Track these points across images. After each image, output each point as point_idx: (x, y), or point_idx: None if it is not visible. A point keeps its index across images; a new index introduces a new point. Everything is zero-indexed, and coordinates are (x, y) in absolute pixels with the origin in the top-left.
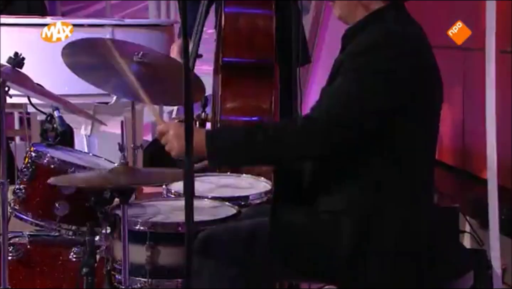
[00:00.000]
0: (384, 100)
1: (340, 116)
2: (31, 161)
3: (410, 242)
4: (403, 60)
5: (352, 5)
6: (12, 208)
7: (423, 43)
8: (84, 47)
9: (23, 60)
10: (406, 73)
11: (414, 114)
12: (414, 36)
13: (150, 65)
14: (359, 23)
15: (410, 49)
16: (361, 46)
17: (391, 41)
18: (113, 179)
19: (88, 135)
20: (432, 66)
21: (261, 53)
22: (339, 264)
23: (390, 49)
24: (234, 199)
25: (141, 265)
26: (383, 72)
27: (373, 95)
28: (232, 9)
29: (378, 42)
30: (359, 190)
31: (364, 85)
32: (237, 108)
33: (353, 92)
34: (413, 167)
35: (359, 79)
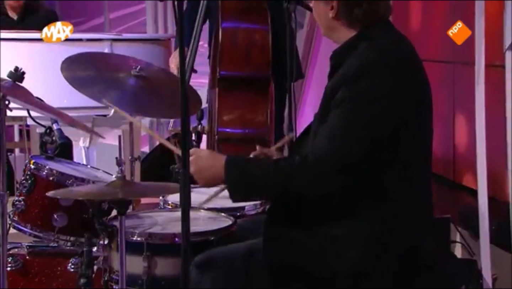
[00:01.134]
0: (384, 127)
1: (347, 157)
2: (30, 173)
3: (412, 260)
4: (397, 82)
5: (336, 26)
6: (11, 220)
7: (413, 60)
8: (83, 61)
9: (23, 75)
10: (402, 94)
11: (412, 132)
12: (404, 53)
13: (148, 79)
14: (347, 43)
15: (402, 69)
16: (353, 71)
17: (383, 63)
18: (111, 192)
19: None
20: (424, 81)
21: (257, 67)
22: (337, 283)
23: (383, 73)
24: (230, 210)
25: (138, 275)
26: (380, 98)
27: (374, 125)
28: (229, 24)
29: (370, 66)
30: (359, 212)
31: (364, 117)
32: (234, 120)
33: (354, 126)
34: (412, 186)
35: (358, 111)
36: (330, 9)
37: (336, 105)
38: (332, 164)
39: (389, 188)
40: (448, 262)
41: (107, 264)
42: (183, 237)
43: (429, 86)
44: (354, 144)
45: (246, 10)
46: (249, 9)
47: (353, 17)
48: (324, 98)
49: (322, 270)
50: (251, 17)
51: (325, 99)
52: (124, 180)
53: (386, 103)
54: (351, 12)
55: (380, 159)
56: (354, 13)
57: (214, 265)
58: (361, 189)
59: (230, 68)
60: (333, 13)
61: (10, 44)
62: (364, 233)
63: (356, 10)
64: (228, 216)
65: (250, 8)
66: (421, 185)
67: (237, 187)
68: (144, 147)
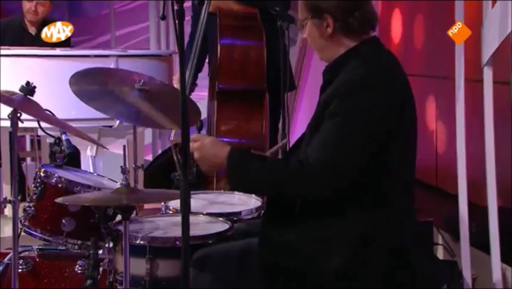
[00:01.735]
0: (373, 138)
1: (338, 165)
2: (40, 181)
3: (397, 262)
4: (385, 96)
5: (332, 43)
6: (22, 224)
7: (399, 75)
8: (90, 76)
9: (34, 89)
10: (390, 106)
11: (399, 142)
12: (391, 69)
13: (150, 92)
14: (338, 60)
15: (389, 83)
16: (345, 86)
17: (372, 78)
18: (115, 198)
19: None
20: (409, 95)
21: (253, 81)
22: (327, 283)
23: (372, 87)
24: (227, 215)
25: (141, 277)
26: (369, 111)
27: (364, 136)
28: (227, 41)
29: (360, 81)
30: (348, 215)
31: (355, 128)
32: (231, 130)
33: (346, 137)
34: (398, 192)
35: (349, 123)
36: (326, 27)
37: (329, 117)
38: (324, 171)
39: (376, 194)
40: (430, 263)
41: (112, 266)
42: (183, 240)
43: (413, 99)
44: (345, 154)
45: (242, 28)
46: (245, 27)
47: (350, 28)
48: (317, 111)
49: (313, 271)
50: (247, 34)
51: (318, 111)
52: (128, 187)
53: (375, 116)
54: (346, 23)
55: (370, 167)
56: (349, 24)
57: (211, 261)
58: (351, 194)
59: (227, 82)
60: (331, 29)
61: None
62: (353, 235)
63: (350, 19)
64: (225, 220)
65: (246, 26)
66: (406, 191)
67: (236, 178)
68: (147, 155)
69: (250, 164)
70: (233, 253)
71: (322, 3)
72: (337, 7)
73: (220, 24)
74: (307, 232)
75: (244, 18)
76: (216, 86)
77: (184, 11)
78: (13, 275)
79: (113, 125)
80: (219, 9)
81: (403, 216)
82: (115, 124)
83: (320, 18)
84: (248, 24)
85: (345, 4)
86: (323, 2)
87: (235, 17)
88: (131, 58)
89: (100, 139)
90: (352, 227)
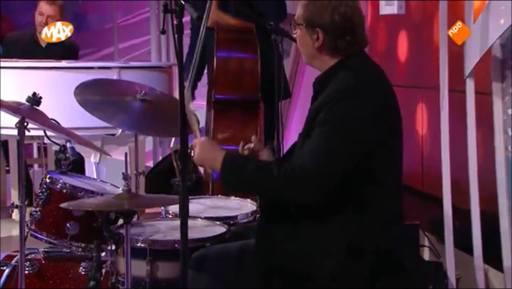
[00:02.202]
0: (361, 144)
1: (328, 170)
2: (46, 186)
3: (386, 263)
4: (372, 105)
5: (319, 55)
6: (29, 228)
7: (385, 85)
8: (94, 87)
9: (40, 99)
10: (377, 115)
11: (386, 149)
12: (377, 80)
13: (151, 102)
14: (327, 72)
15: (376, 94)
16: (334, 95)
17: (360, 88)
18: (117, 203)
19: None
20: (395, 104)
21: (248, 91)
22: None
23: (360, 97)
24: (224, 219)
25: (141, 278)
26: (358, 119)
27: (353, 142)
28: (223, 53)
29: (349, 91)
30: (340, 218)
31: (344, 135)
32: (227, 138)
33: (335, 143)
34: (386, 197)
35: (339, 130)
36: (315, 40)
37: (319, 125)
38: (315, 176)
39: (366, 198)
40: (417, 264)
41: (114, 268)
42: (182, 243)
43: (399, 108)
44: (335, 159)
45: (238, 41)
46: (241, 40)
47: (337, 48)
48: (308, 118)
49: (305, 272)
50: (243, 47)
51: (309, 119)
52: (130, 193)
53: (363, 124)
54: (335, 44)
55: (358, 172)
56: (338, 45)
57: (209, 262)
58: (342, 198)
59: (224, 92)
60: (318, 44)
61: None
62: (344, 238)
63: (339, 42)
64: (222, 224)
65: (242, 40)
66: (394, 195)
67: (229, 180)
68: (149, 161)
69: (244, 165)
70: (231, 254)
71: (318, 17)
72: (330, 26)
73: (217, 37)
74: (300, 235)
75: (240, 32)
76: (213, 96)
77: (183, 26)
78: (20, 276)
79: (116, 134)
80: (216, 23)
81: (392, 220)
82: (117, 132)
83: (312, 29)
84: (244, 37)
85: (339, 26)
86: (318, 16)
87: (231, 31)
88: (133, 70)
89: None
90: (344, 230)
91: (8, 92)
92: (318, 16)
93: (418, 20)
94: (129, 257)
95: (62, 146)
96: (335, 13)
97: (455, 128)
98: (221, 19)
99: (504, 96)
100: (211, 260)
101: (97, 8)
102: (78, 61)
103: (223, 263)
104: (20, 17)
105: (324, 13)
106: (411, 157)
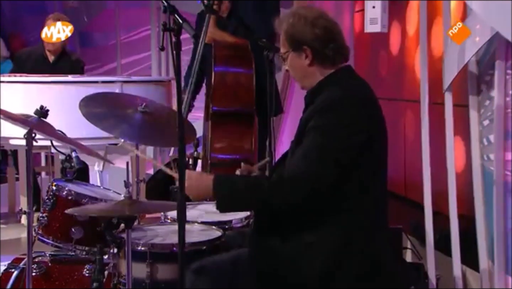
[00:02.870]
0: (349, 151)
1: (318, 175)
2: (52, 194)
3: (371, 265)
4: (359, 114)
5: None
6: (36, 232)
7: (371, 97)
8: (98, 100)
9: (47, 112)
10: (363, 124)
11: (372, 156)
12: (363, 92)
13: (152, 114)
14: (317, 86)
15: (363, 104)
16: (323, 105)
17: (347, 99)
18: (119, 209)
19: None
20: (380, 115)
21: (243, 104)
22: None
23: (348, 107)
24: (219, 224)
25: (142, 279)
26: (345, 127)
27: (341, 149)
28: (220, 68)
29: (337, 102)
30: (328, 223)
31: (333, 142)
32: (224, 148)
33: (324, 150)
34: (372, 202)
35: (327, 137)
36: (304, 58)
37: (309, 132)
38: (305, 180)
39: (353, 203)
40: (400, 265)
41: (116, 270)
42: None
43: (383, 119)
44: (324, 165)
45: (234, 57)
46: (237, 56)
47: (326, 58)
48: (299, 128)
49: (296, 275)
50: (238, 63)
51: (300, 129)
52: (131, 199)
53: (351, 132)
54: (323, 54)
55: (346, 179)
56: (326, 54)
57: (206, 270)
58: (330, 203)
59: (221, 105)
60: (309, 60)
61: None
62: (332, 241)
63: (326, 51)
64: (218, 228)
65: (238, 56)
66: (379, 201)
67: (223, 200)
68: (149, 169)
69: (234, 184)
70: (226, 262)
71: (301, 36)
72: (314, 41)
73: (214, 54)
74: (291, 239)
75: (236, 49)
76: (210, 108)
77: (180, 43)
78: (28, 278)
79: (118, 143)
80: (214, 40)
81: (377, 224)
82: (120, 142)
83: (299, 50)
84: (240, 54)
85: (322, 37)
86: (301, 35)
87: (228, 48)
88: (134, 83)
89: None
90: (331, 234)
91: (18, 105)
92: (301, 35)
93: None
94: (130, 260)
95: (67, 155)
96: (315, 28)
97: (435, 138)
98: (219, 36)
99: (480, 109)
100: (208, 269)
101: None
102: (83, 76)
103: (218, 272)
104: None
105: (305, 31)
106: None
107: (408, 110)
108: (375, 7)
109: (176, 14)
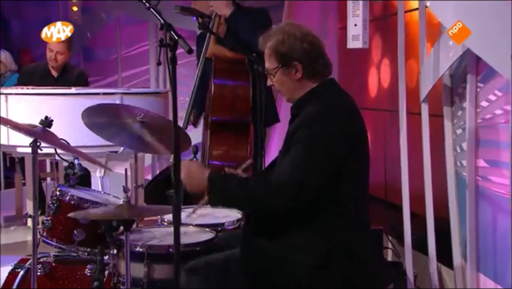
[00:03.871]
0: (334, 159)
1: (304, 182)
2: (56, 198)
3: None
4: (343, 125)
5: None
6: (41, 235)
7: (353, 110)
8: (99, 110)
9: (51, 122)
10: (347, 134)
11: (355, 163)
12: (346, 105)
13: (149, 124)
14: (303, 98)
15: (346, 116)
16: (308, 118)
17: (331, 111)
18: (118, 213)
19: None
20: (362, 125)
21: (240, 114)
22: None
23: (331, 118)
24: (212, 226)
25: (140, 279)
26: (330, 137)
27: (326, 157)
28: (219, 81)
29: (322, 113)
30: (313, 226)
31: (318, 151)
32: (221, 155)
33: (311, 158)
34: (355, 205)
35: (313, 147)
36: (295, 73)
37: (296, 142)
38: (291, 187)
39: (337, 207)
40: (381, 264)
41: (115, 270)
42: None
43: (365, 129)
44: (310, 172)
45: (232, 71)
46: (235, 70)
47: (316, 71)
48: (287, 138)
49: (284, 275)
50: (236, 76)
51: (287, 139)
52: (129, 204)
53: (335, 141)
54: (313, 69)
55: (331, 184)
56: (316, 68)
57: (199, 270)
58: (315, 207)
59: (219, 115)
60: (300, 74)
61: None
62: (318, 242)
63: (316, 66)
64: (211, 230)
65: (236, 70)
66: (362, 204)
67: (215, 195)
68: (147, 175)
69: (228, 182)
70: (218, 262)
71: (291, 53)
72: (304, 56)
73: (214, 67)
74: (279, 240)
75: (234, 63)
76: (210, 118)
77: (176, 58)
78: (33, 277)
79: (118, 151)
80: (214, 55)
81: (359, 226)
82: (120, 150)
83: (289, 66)
84: (237, 67)
85: (311, 53)
86: (291, 52)
87: (226, 62)
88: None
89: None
90: (317, 236)
91: (25, 116)
92: (291, 51)
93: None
94: (128, 260)
95: (70, 162)
96: (303, 43)
97: (413, 146)
98: (218, 51)
99: (453, 119)
100: (200, 269)
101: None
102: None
103: (210, 272)
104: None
105: (294, 47)
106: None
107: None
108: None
109: (172, 31)
